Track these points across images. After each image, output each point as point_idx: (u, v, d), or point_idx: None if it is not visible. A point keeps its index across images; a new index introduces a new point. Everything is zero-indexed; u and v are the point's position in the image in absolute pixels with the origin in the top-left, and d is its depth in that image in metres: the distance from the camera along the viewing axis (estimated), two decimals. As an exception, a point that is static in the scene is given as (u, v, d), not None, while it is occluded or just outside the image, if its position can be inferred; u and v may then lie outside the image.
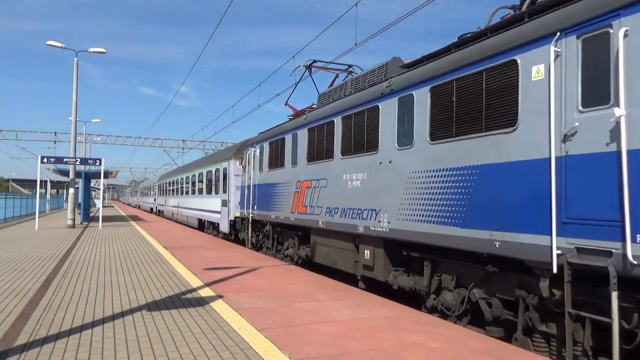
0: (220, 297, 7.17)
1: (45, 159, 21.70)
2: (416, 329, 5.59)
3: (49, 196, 51.18)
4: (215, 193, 20.63)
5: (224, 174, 19.11)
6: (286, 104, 14.06)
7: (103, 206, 40.41)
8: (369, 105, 8.31)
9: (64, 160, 22.19)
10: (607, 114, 4.39)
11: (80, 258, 11.46)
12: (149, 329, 5.42)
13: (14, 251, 12.64)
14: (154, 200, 46.94)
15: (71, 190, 23.10)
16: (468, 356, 4.61)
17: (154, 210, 46.92)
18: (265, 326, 5.56)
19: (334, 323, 5.78)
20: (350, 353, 4.64)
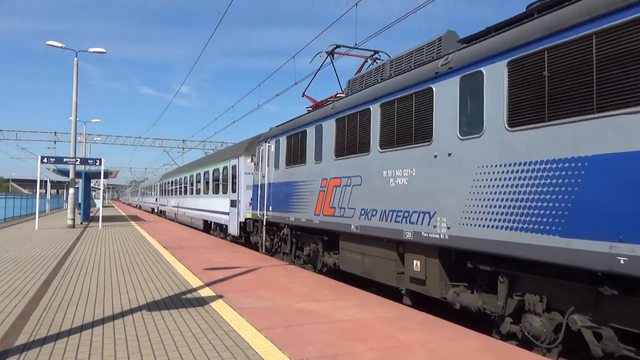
0: (221, 297, 7.17)
1: (45, 159, 21.72)
2: (416, 328, 5.59)
3: (49, 196, 51.22)
4: (223, 193, 19.56)
5: (233, 172, 18.07)
6: (303, 95, 12.94)
7: (103, 206, 40.45)
8: (417, 88, 7.09)
9: (64, 160, 22.21)
10: None
11: (80, 258, 11.47)
12: (149, 329, 5.42)
13: (14, 251, 12.65)
14: (155, 200, 45.92)
15: (71, 190, 23.11)
16: (468, 356, 4.61)
17: (155, 210, 45.94)
18: (265, 326, 5.56)
19: (334, 323, 5.78)
20: (350, 353, 4.64)
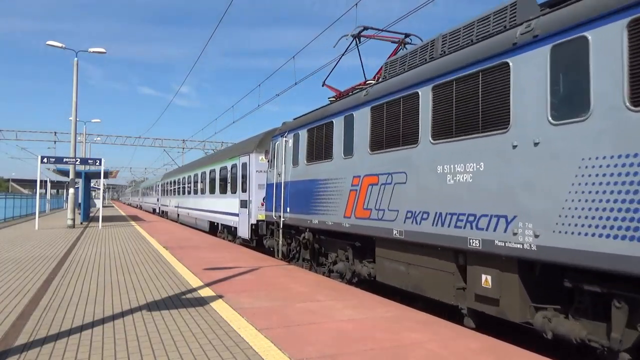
0: (221, 297, 7.17)
1: (45, 159, 21.72)
2: (417, 328, 5.59)
3: (49, 196, 51.22)
4: (232, 192, 18.33)
5: (244, 170, 17.00)
6: (324, 84, 11.95)
7: (103, 206, 40.43)
8: (486, 64, 5.97)
9: (64, 160, 22.21)
10: None
11: (80, 258, 11.46)
12: (149, 329, 5.42)
13: (14, 251, 12.65)
14: (157, 200, 44.72)
15: (71, 190, 23.12)
16: (468, 356, 4.61)
17: (157, 211, 44.79)
18: (265, 326, 5.56)
19: (334, 323, 5.77)
20: (350, 353, 4.64)
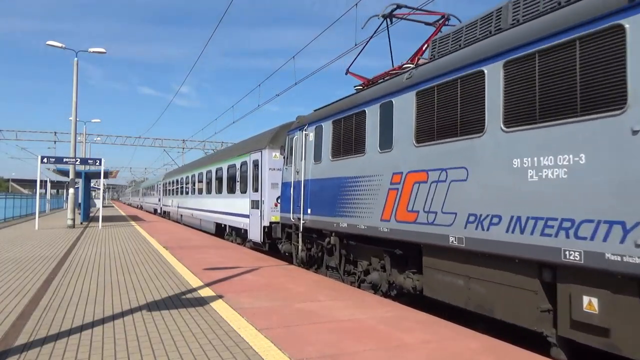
0: (220, 297, 7.17)
1: (45, 159, 21.73)
2: (417, 328, 5.59)
3: (49, 196, 51.24)
4: (241, 192, 17.17)
5: (255, 167, 15.81)
6: (347, 72, 10.78)
7: (103, 206, 40.43)
8: (585, 30, 4.80)
9: (64, 160, 22.22)
10: None
11: (80, 258, 11.47)
12: (149, 329, 5.42)
13: (14, 251, 12.65)
14: (158, 200, 43.80)
15: (71, 190, 23.12)
16: (468, 356, 4.61)
17: (158, 211, 43.88)
18: (265, 326, 5.56)
19: (334, 323, 5.77)
20: (350, 353, 4.64)
